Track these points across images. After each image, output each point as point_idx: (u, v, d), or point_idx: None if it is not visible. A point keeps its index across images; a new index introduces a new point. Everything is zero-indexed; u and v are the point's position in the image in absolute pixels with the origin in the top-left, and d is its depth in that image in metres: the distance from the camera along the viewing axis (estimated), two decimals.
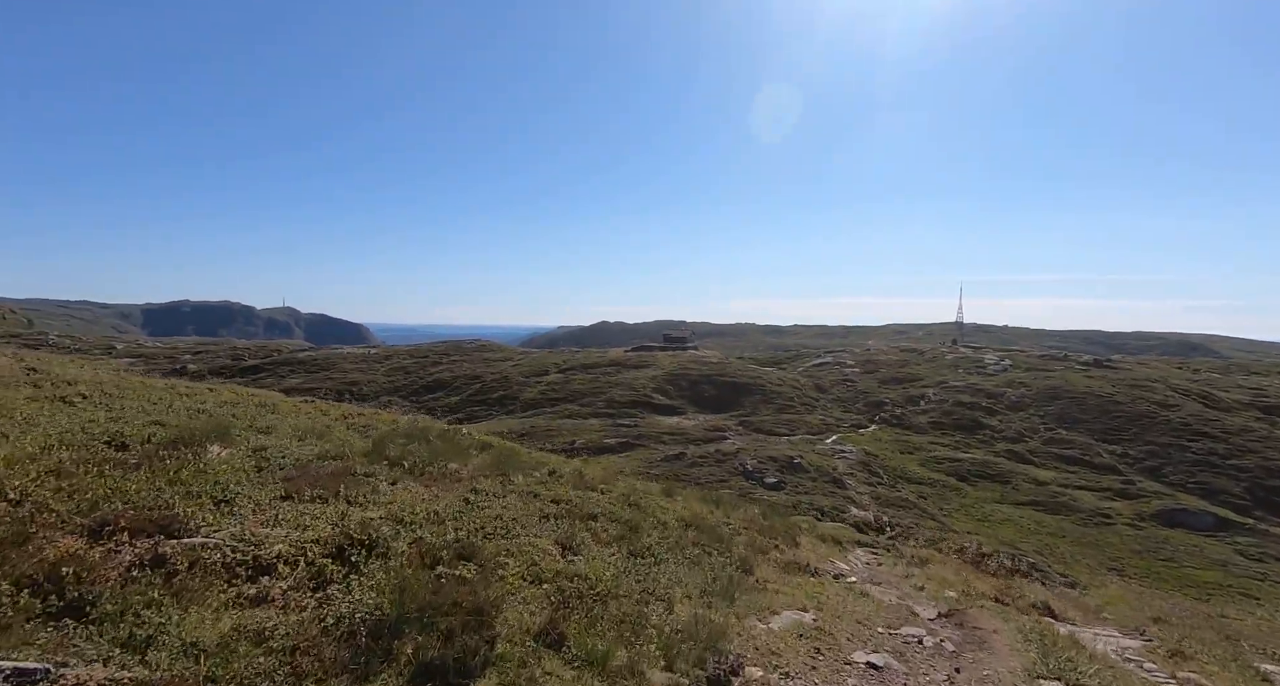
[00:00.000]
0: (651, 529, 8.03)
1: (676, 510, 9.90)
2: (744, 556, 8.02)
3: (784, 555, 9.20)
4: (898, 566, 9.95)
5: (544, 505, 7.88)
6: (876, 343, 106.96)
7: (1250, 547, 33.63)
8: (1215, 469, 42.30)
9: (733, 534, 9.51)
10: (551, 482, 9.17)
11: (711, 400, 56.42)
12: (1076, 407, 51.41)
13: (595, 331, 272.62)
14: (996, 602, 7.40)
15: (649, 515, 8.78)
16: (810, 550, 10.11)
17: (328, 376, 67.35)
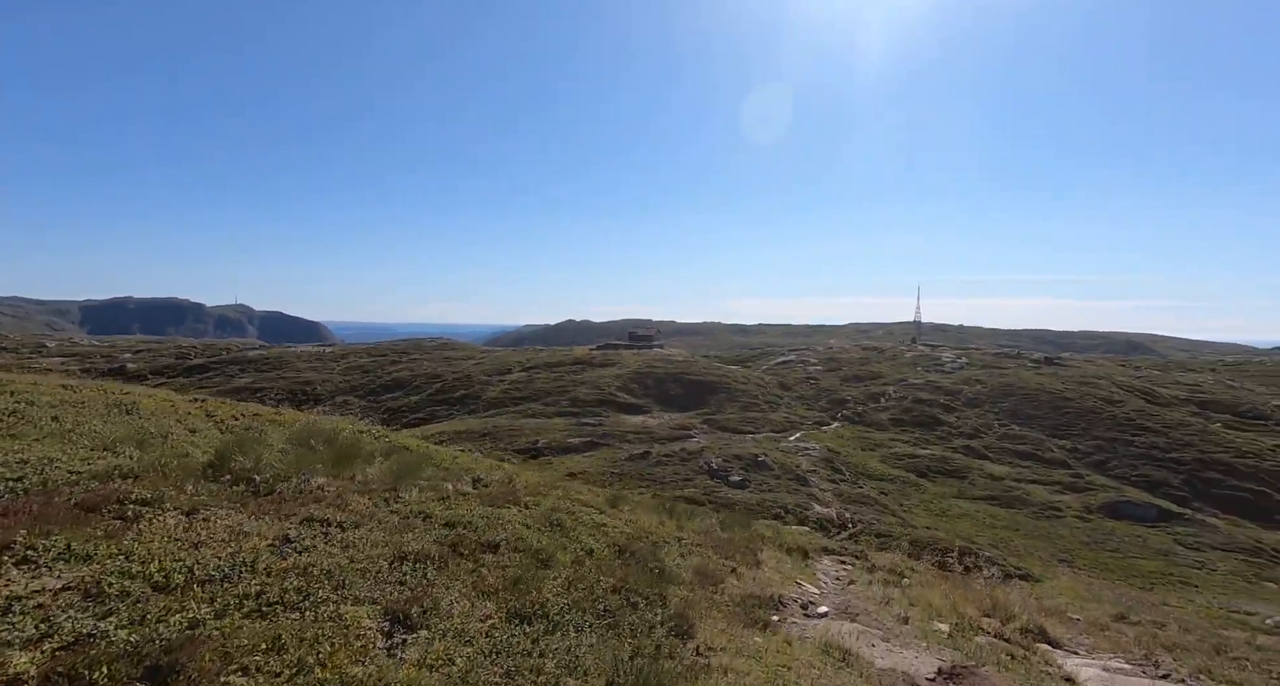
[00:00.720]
0: (567, 564, 6.40)
1: (618, 527, 8.61)
2: (683, 608, 6.01)
3: (741, 582, 7.74)
4: (873, 585, 8.72)
5: (422, 535, 6.11)
6: (839, 341, 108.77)
7: (1188, 537, 35.08)
8: (1156, 462, 44.11)
9: (684, 554, 8.18)
10: (454, 500, 7.64)
11: (677, 399, 56.21)
12: (1029, 404, 53.01)
13: (562, 330, 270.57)
14: (997, 638, 6.24)
15: (573, 540, 7.31)
16: (774, 569, 8.81)
17: (279, 376, 64.73)
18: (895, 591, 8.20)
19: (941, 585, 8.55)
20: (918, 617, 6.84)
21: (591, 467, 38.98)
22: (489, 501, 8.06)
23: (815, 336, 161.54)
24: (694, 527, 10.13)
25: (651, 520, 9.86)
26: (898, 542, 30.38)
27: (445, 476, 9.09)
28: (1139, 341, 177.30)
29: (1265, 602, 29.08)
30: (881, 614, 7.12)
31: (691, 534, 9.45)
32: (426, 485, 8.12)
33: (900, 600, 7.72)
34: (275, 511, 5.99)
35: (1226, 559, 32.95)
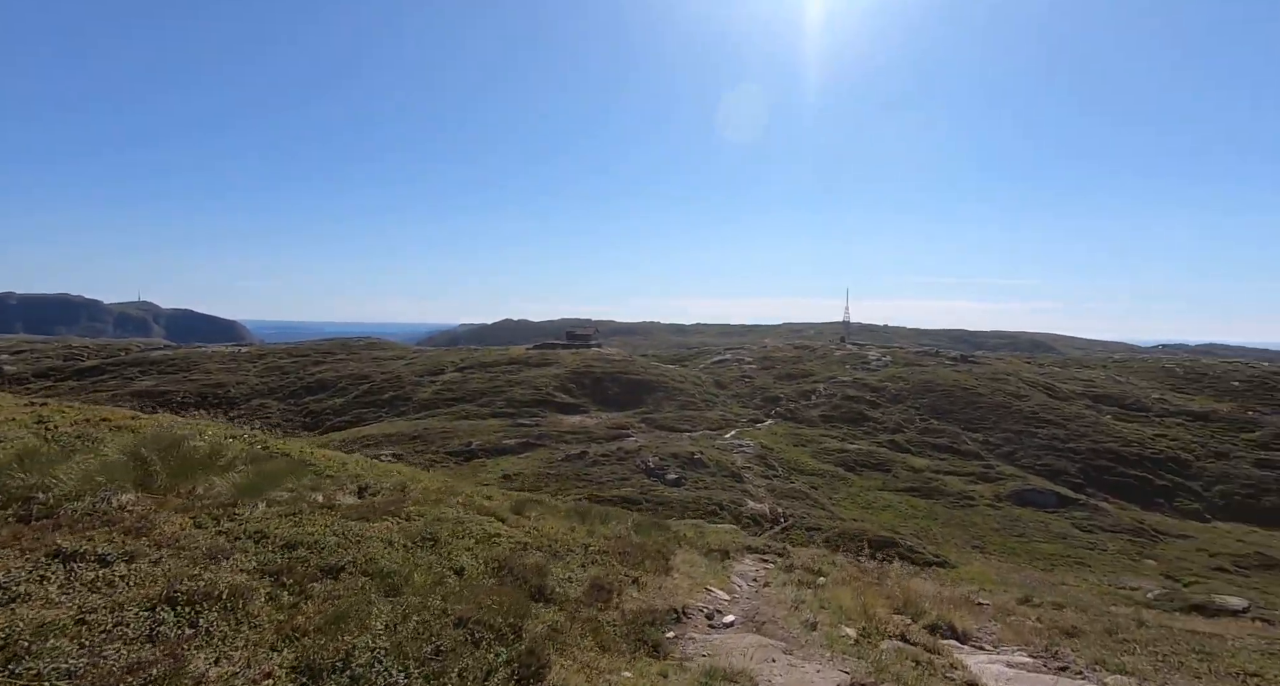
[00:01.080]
0: (422, 589, 5.45)
1: (515, 537, 7.90)
2: (539, 642, 5.07)
3: (643, 594, 7.04)
4: (787, 586, 8.36)
5: (241, 562, 5.17)
6: (773, 340, 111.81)
7: (1083, 521, 38.18)
8: (1057, 452, 47.79)
9: (584, 565, 7.38)
10: (310, 515, 6.65)
11: (615, 398, 56.10)
12: (946, 400, 56.24)
13: (499, 330, 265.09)
14: (904, 641, 6.06)
15: (444, 558, 6.41)
16: (686, 574, 8.31)
17: (186, 378, 60.10)
18: (808, 593, 7.95)
19: (856, 582, 8.48)
20: (827, 622, 6.62)
21: (527, 469, 38.28)
22: (361, 514, 7.17)
23: (751, 336, 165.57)
24: (606, 532, 9.58)
25: (560, 526, 9.26)
26: (826, 535, 31.46)
27: (319, 486, 8.31)
28: (1041, 340, 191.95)
29: (1146, 577, 32.02)
30: (790, 620, 6.81)
31: (601, 540, 8.85)
32: (289, 497, 7.28)
33: (812, 602, 7.48)
34: (30, 541, 4.81)
35: (1115, 539, 36.07)
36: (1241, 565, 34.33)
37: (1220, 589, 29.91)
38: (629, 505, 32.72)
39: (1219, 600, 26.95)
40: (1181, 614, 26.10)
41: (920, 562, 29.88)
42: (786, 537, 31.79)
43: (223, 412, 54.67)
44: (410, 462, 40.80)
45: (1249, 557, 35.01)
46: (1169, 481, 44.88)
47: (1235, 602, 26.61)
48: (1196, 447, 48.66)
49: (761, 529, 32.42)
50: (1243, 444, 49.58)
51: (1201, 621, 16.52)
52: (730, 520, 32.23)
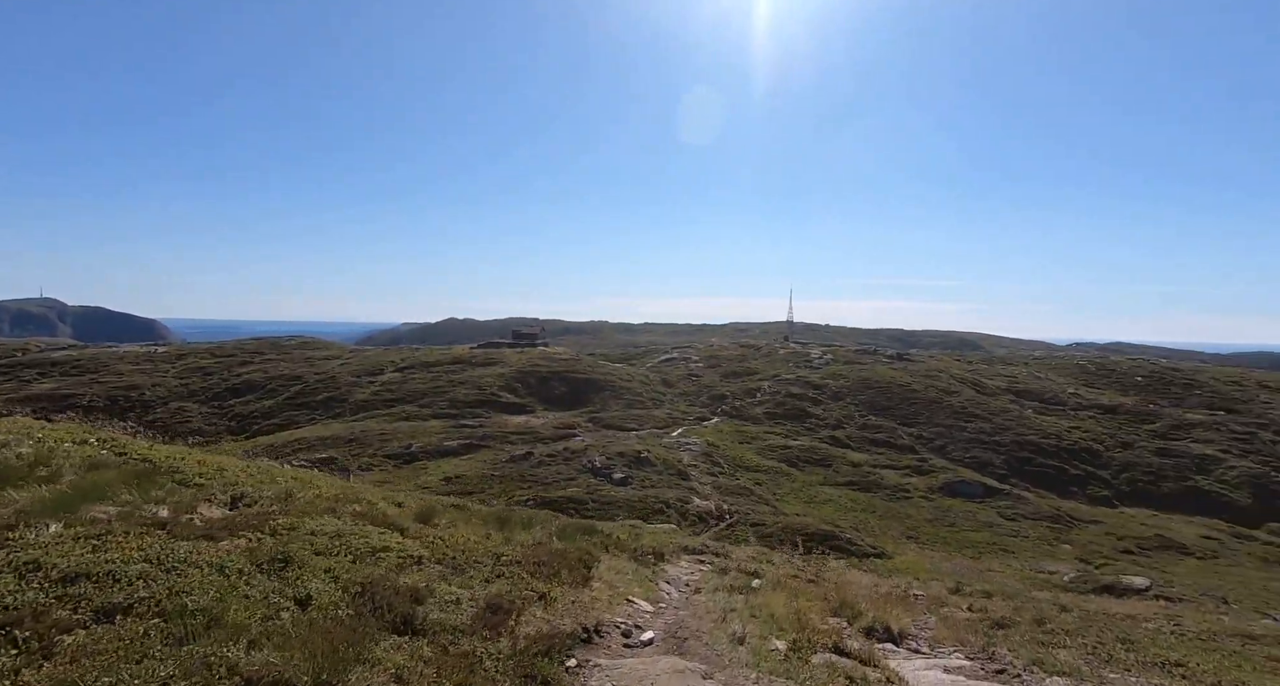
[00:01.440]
0: (232, 632, 4.40)
1: (409, 550, 6.97)
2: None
3: (549, 612, 6.16)
4: (719, 592, 7.80)
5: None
6: (720, 339, 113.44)
7: (1007, 509, 40.41)
8: (984, 445, 50.42)
9: (489, 580, 6.59)
10: (128, 536, 5.63)
11: (562, 397, 55.43)
12: (883, 396, 58.42)
13: (444, 328, 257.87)
14: (838, 653, 5.67)
15: (292, 583, 5.38)
16: (607, 584, 7.54)
17: (95, 380, 55.54)
18: (740, 600, 7.43)
19: (793, 582, 8.25)
20: (757, 633, 6.11)
21: (470, 471, 37.26)
22: (208, 532, 6.10)
23: (698, 335, 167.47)
24: (525, 539, 8.81)
25: (472, 535, 8.43)
26: (770, 530, 32.01)
27: (172, 498, 7.19)
28: (970, 339, 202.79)
29: (1062, 561, 34.18)
30: (716, 634, 6.20)
31: (518, 548, 8.04)
32: (118, 513, 6.17)
33: (743, 611, 6.98)
34: None
35: (1035, 526, 38.33)
36: (1144, 547, 37.15)
37: (1126, 569, 32.25)
38: (575, 505, 32.32)
39: (1125, 580, 29.03)
40: (1095, 595, 27.95)
41: (859, 554, 30.83)
42: (731, 533, 32.16)
43: (136, 417, 50.76)
44: (344, 466, 38.99)
45: (1150, 540, 37.93)
46: (1082, 471, 48.11)
47: (1139, 582, 28.73)
48: (1106, 438, 52.38)
49: (707, 526, 32.67)
50: (1144, 434, 53.74)
51: (1114, 602, 17.68)
52: (676, 518, 32.32)
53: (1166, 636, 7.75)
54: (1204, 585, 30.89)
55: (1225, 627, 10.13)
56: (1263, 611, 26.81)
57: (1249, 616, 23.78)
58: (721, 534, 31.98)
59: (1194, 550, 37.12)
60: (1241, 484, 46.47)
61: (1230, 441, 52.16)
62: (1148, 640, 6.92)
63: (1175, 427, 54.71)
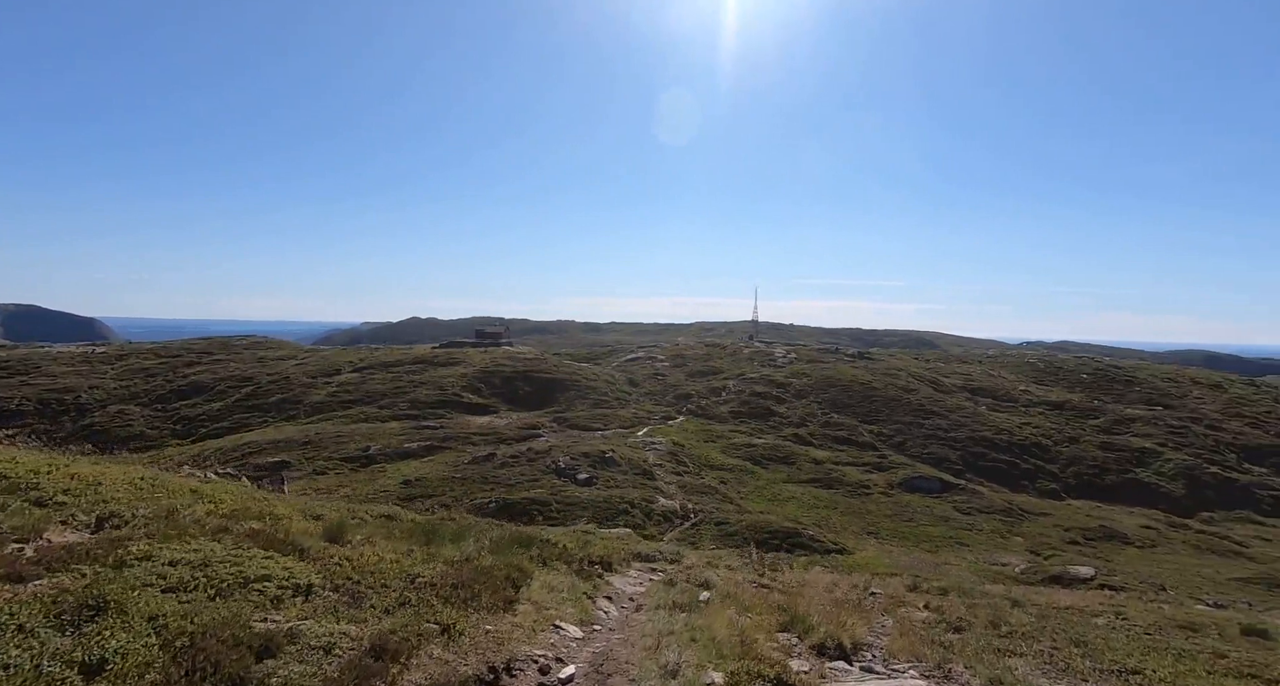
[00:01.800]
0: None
1: (301, 577, 6.08)
2: None
3: (449, 650, 5.20)
4: (661, 610, 7.08)
5: None
6: (686, 339, 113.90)
7: (963, 504, 41.59)
8: (941, 441, 51.84)
9: (389, 610, 5.77)
10: None
11: (526, 397, 54.74)
12: (845, 394, 59.50)
13: (406, 328, 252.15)
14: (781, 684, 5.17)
15: (92, 639, 4.24)
16: (535, 606, 6.69)
17: (25, 383, 52.36)
18: (681, 620, 6.62)
19: (744, 593, 7.79)
20: (693, 662, 5.40)
21: (430, 473, 36.41)
22: (20, 569, 5.10)
23: (665, 334, 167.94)
24: (451, 555, 7.85)
25: (390, 552, 7.49)
26: (734, 528, 32.17)
27: (8, 521, 6.24)
28: (928, 338, 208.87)
29: (1013, 553, 35.36)
30: (646, 666, 5.42)
31: (440, 567, 7.13)
32: None
33: (682, 633, 6.22)
34: None
35: (989, 520, 39.55)
36: (1089, 537, 38.73)
37: (1073, 560, 33.54)
38: (538, 506, 31.88)
39: (1072, 570, 30.20)
40: (1044, 585, 28.96)
41: (821, 551, 31.25)
42: (696, 532, 32.23)
43: (70, 421, 48.04)
44: (278, 475, 37.55)
45: (1095, 530, 39.57)
46: (1032, 465, 49.93)
47: (1084, 572, 29.93)
48: (1054, 433, 54.49)
49: (672, 525, 32.66)
50: (1090, 429, 56.13)
51: (1063, 592, 18.28)
52: (641, 518, 32.20)
53: (1119, 635, 7.94)
54: (1143, 573, 32.38)
55: (1167, 617, 10.53)
56: (1196, 596, 28.27)
57: (1185, 603, 25.02)
58: (685, 533, 32.01)
59: (1134, 539, 38.87)
60: (1177, 475, 48.95)
61: (1167, 435, 54.92)
62: (1101, 642, 7.05)
63: (1117, 422, 57.31)
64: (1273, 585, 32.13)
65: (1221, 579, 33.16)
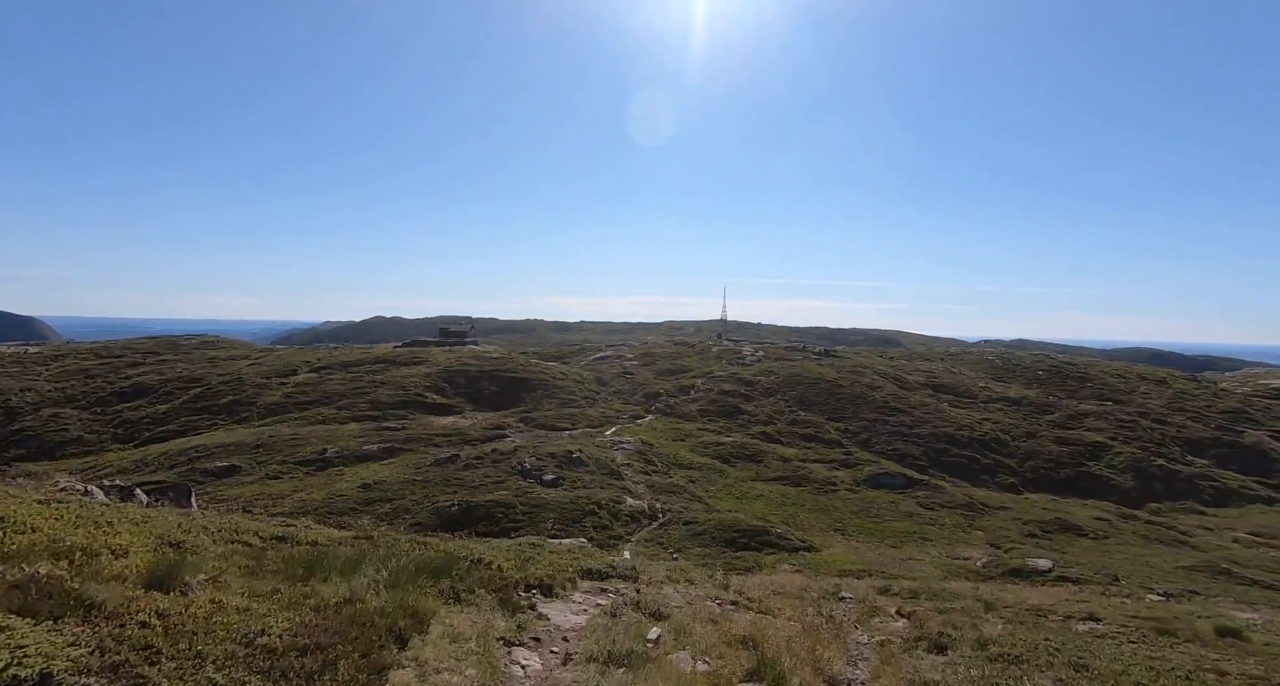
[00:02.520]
0: None
1: (48, 655, 4.26)
2: None
3: None
4: (592, 664, 5.58)
5: None
6: (655, 338, 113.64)
7: (926, 499, 42.24)
8: (905, 437, 52.67)
9: None
10: None
11: (492, 397, 53.59)
12: (812, 392, 60.01)
13: (368, 327, 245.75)
14: None
15: None
16: (414, 675, 4.90)
17: None
18: (616, 678, 5.25)
19: (704, 627, 6.57)
20: None
21: (390, 476, 35.18)
22: None
23: (634, 333, 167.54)
24: (329, 595, 6.08)
25: (239, 599, 5.77)
26: (702, 528, 31.90)
27: None
28: (891, 337, 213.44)
29: (974, 547, 36.01)
30: None
31: (307, 616, 5.47)
32: None
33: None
34: None
35: (951, 514, 40.24)
36: (1046, 529, 39.76)
37: (1031, 553, 34.32)
38: (503, 509, 31.05)
39: (1030, 562, 30.84)
40: (1005, 579, 29.47)
41: (789, 548, 31.23)
42: (665, 532, 31.86)
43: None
44: (182, 487, 35.85)
45: (1051, 523, 40.64)
46: (992, 460, 51.13)
47: (1043, 564, 30.59)
48: (1012, 429, 55.96)
49: (640, 525, 32.22)
50: (1045, 424, 57.84)
51: (1028, 589, 18.44)
52: (608, 518, 31.66)
53: (1109, 648, 7.69)
54: (1097, 563, 33.32)
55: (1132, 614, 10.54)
56: (1147, 586, 29.18)
57: (1137, 592, 25.75)
58: (654, 533, 31.60)
59: (1088, 531, 40.06)
60: (1126, 468, 50.78)
61: (1117, 429, 56.96)
62: (1104, 667, 6.70)
63: (1071, 418, 59.21)
64: (1215, 572, 33.47)
65: (1169, 567, 34.40)
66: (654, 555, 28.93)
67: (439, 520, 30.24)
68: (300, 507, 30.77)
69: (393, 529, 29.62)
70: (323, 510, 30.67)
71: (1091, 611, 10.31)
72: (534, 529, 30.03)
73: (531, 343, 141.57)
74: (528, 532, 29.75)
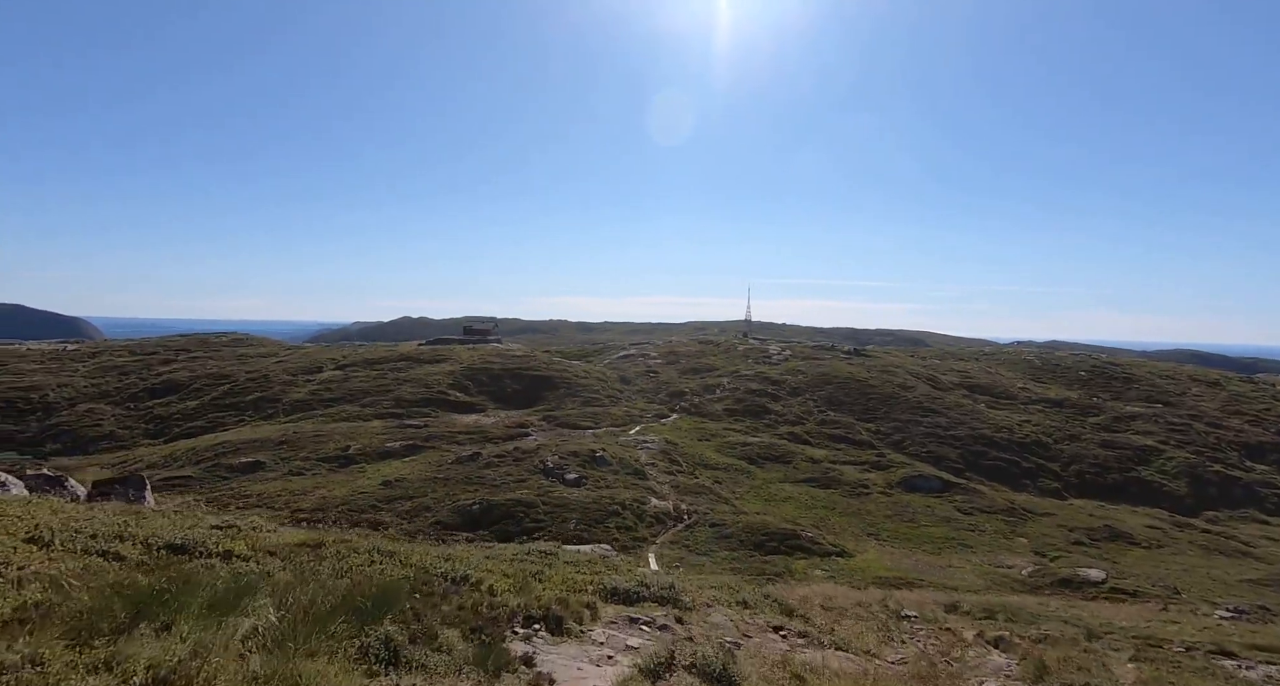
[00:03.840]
0: None
1: None
2: None
3: None
4: None
5: None
6: (679, 337, 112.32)
7: (964, 504, 40.33)
8: (940, 439, 50.61)
9: None
10: None
11: (515, 395, 53.08)
12: (841, 391, 58.20)
13: (396, 328, 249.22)
14: None
15: None
16: None
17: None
18: None
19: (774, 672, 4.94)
20: None
21: (411, 473, 34.73)
22: None
23: (657, 333, 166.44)
24: (161, 659, 3.53)
25: None
26: (730, 530, 30.71)
27: None
28: (919, 338, 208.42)
29: (1018, 555, 34.10)
30: None
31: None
32: None
33: None
34: None
35: (991, 520, 38.30)
36: (1094, 537, 37.54)
37: (1080, 561, 32.33)
38: (524, 508, 30.31)
39: (1081, 572, 28.97)
40: (1055, 589, 27.69)
41: (821, 553, 29.88)
42: (690, 534, 30.75)
43: (36, 421, 45.96)
44: (273, 470, 35.85)
45: (1099, 531, 38.39)
46: (1033, 463, 48.78)
47: (1095, 574, 28.70)
48: (1054, 431, 53.41)
49: (665, 527, 31.18)
50: (1090, 427, 55.10)
51: (1107, 606, 16.94)
52: (632, 519, 30.70)
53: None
54: (1153, 575, 31.21)
55: (1227, 637, 9.15)
56: (1210, 600, 27.07)
57: (1203, 609, 23.82)
58: (679, 535, 30.53)
59: (1140, 540, 37.74)
60: (1179, 474, 47.96)
61: (1168, 432, 53.98)
62: None
63: (1118, 420, 56.35)
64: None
65: (1232, 580, 32.06)
66: (680, 558, 27.85)
67: (460, 519, 29.64)
68: (321, 504, 30.46)
69: (412, 526, 29.08)
70: (344, 507, 30.30)
71: (1219, 643, 8.83)
72: (556, 529, 29.20)
73: (556, 342, 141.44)
74: (550, 533, 28.95)
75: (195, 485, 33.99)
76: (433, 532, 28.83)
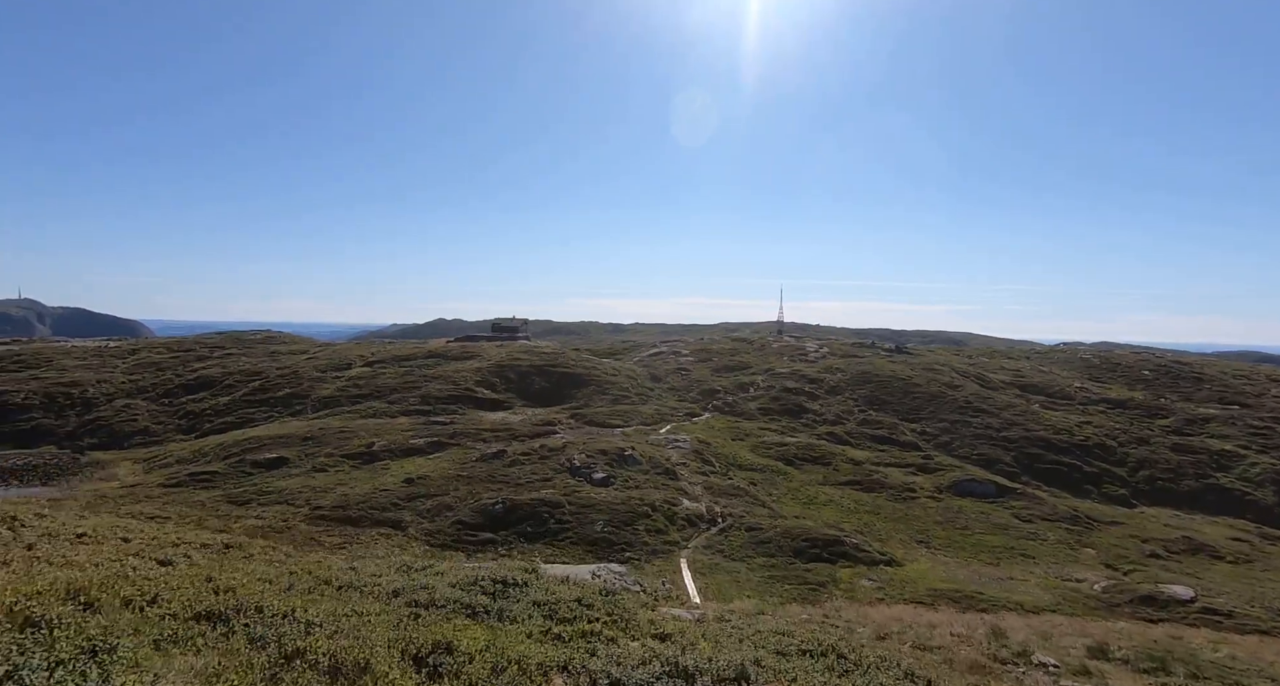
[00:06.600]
0: None
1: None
2: None
3: None
4: None
5: None
6: (710, 336, 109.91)
7: (1022, 510, 37.27)
8: (991, 441, 47.36)
9: None
10: None
11: (542, 393, 51.90)
12: (883, 390, 55.28)
13: (431, 329, 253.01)
14: None
15: None
16: None
17: (34, 376, 51.36)
18: None
19: None
20: None
21: (435, 471, 33.67)
22: None
23: (688, 334, 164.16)
24: None
25: None
26: (767, 535, 28.63)
27: None
28: (960, 339, 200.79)
29: (1087, 567, 31.07)
30: None
31: None
32: None
33: None
34: None
35: (1053, 528, 35.21)
36: (1172, 550, 34.12)
37: (1160, 576, 29.18)
38: (549, 508, 28.86)
39: (1165, 590, 25.93)
40: (1136, 607, 24.80)
41: (867, 562, 27.58)
42: (725, 538, 28.79)
43: (75, 416, 46.74)
44: (297, 466, 35.29)
45: (1177, 542, 34.92)
46: (1097, 467, 45.15)
47: (1182, 592, 25.65)
48: (1119, 434, 49.50)
49: (698, 530, 29.32)
50: (1159, 429, 50.95)
51: (1238, 638, 14.43)
52: (663, 522, 28.94)
53: None
54: (1246, 593, 27.90)
55: None
56: None
57: None
58: (713, 539, 28.62)
59: (1225, 553, 34.16)
60: (1265, 481, 43.71)
61: (1248, 436, 49.49)
62: None
63: (1189, 422, 52.00)
64: None
65: None
66: (715, 565, 25.96)
67: (481, 518, 28.37)
68: (342, 502, 29.61)
69: (432, 525, 27.87)
70: (364, 504, 29.38)
71: None
72: (582, 530, 27.66)
73: (585, 342, 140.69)
74: (575, 535, 27.41)
75: (220, 481, 33.62)
76: (453, 532, 27.64)
